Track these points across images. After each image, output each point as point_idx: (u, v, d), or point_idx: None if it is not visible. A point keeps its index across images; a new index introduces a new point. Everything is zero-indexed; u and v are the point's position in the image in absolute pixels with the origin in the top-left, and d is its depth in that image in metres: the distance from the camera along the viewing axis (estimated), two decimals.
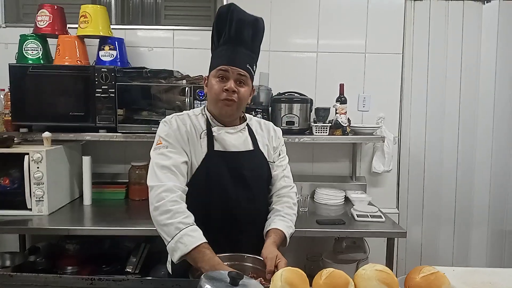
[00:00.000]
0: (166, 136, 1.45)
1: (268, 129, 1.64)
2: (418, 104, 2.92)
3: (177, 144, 1.45)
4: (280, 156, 1.65)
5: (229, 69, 1.42)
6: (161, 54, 2.77)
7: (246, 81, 1.46)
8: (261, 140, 1.59)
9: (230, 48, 1.44)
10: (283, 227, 1.49)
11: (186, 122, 1.50)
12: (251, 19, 1.46)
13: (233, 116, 1.52)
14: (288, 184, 1.63)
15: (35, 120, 2.40)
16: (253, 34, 1.47)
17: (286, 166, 1.67)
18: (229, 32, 1.43)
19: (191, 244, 1.27)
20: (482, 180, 2.98)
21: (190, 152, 1.47)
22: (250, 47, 1.47)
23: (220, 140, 1.49)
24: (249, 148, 1.54)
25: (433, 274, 1.06)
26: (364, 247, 2.60)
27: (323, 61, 2.81)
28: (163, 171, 1.39)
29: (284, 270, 1.07)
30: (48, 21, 2.42)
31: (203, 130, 1.50)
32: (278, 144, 1.65)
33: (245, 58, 1.45)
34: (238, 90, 1.43)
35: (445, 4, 2.86)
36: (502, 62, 2.90)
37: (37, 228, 2.16)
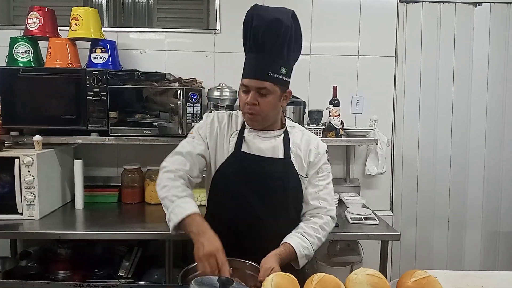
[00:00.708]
0: (198, 128, 1.55)
1: (308, 142, 1.57)
2: (411, 106, 2.93)
3: (203, 136, 1.52)
4: (319, 175, 1.56)
5: (249, 83, 1.41)
6: (153, 56, 2.76)
7: (269, 91, 1.41)
8: (294, 151, 1.53)
9: (252, 57, 1.43)
10: (295, 244, 1.41)
11: (223, 120, 1.55)
12: (268, 22, 1.37)
13: (259, 126, 1.50)
14: (323, 206, 1.54)
15: (26, 124, 2.38)
16: (273, 38, 1.38)
17: (324, 187, 1.56)
18: (249, 41, 1.43)
19: (181, 214, 1.32)
20: (475, 182, 2.99)
21: (215, 149, 1.51)
22: (272, 52, 1.40)
23: (249, 141, 1.50)
24: (278, 156, 1.50)
25: (425, 279, 1.05)
26: (358, 249, 2.59)
27: (316, 64, 2.81)
28: (175, 156, 1.50)
29: (275, 275, 1.07)
30: (39, 23, 2.40)
31: (236, 130, 1.52)
32: (317, 161, 1.55)
33: (267, 67, 1.39)
34: (259, 102, 1.41)
35: (437, 7, 2.87)
36: (494, 64, 2.92)
37: (28, 233, 2.12)
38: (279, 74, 1.42)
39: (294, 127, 1.60)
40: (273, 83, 1.41)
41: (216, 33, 2.76)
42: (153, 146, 2.66)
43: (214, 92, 2.53)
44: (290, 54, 1.46)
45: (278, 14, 1.40)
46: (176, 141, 2.36)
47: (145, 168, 2.64)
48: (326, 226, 1.53)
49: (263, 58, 1.40)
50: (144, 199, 2.62)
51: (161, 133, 2.36)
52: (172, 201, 1.37)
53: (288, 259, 1.39)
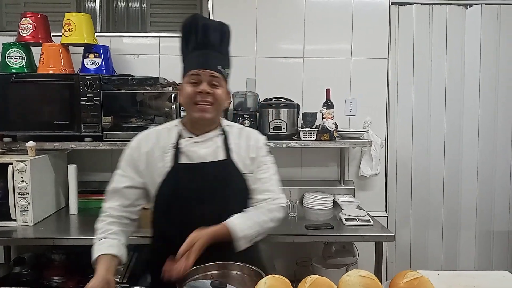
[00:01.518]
0: (124, 158, 1.52)
1: (248, 138, 1.55)
2: (404, 108, 2.95)
3: (129, 165, 1.49)
4: (260, 168, 1.53)
5: (200, 72, 1.40)
6: (147, 61, 2.76)
7: (220, 83, 1.43)
8: (236, 150, 1.50)
9: (200, 53, 1.44)
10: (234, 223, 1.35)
11: (150, 139, 1.49)
12: (216, 23, 1.48)
13: (212, 119, 1.46)
14: (268, 197, 1.51)
15: (19, 129, 2.37)
16: (221, 37, 1.47)
17: (269, 179, 1.54)
18: (196, 38, 1.44)
19: (93, 256, 1.38)
20: (469, 182, 3.02)
21: (149, 171, 1.46)
22: (219, 50, 1.47)
23: (187, 152, 1.45)
24: (220, 158, 1.47)
25: (417, 279, 1.06)
26: (353, 251, 2.60)
27: (310, 67, 2.83)
28: (109, 193, 1.51)
29: (268, 278, 1.07)
30: (31, 29, 2.40)
31: (170, 144, 1.47)
32: (258, 155, 1.54)
33: (216, 61, 1.44)
34: (213, 92, 1.41)
35: (428, 9, 2.90)
36: (486, 64, 2.95)
37: (22, 239, 2.11)
38: (224, 70, 1.46)
39: (231, 126, 1.57)
40: (222, 77, 1.44)
41: None
42: None
43: None
44: (229, 59, 1.52)
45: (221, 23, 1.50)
46: None
47: None
48: (273, 210, 1.49)
49: (212, 53, 1.44)
50: None
51: None
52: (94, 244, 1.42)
53: (223, 237, 1.34)
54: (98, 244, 1.40)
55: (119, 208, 1.48)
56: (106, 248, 1.38)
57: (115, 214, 1.48)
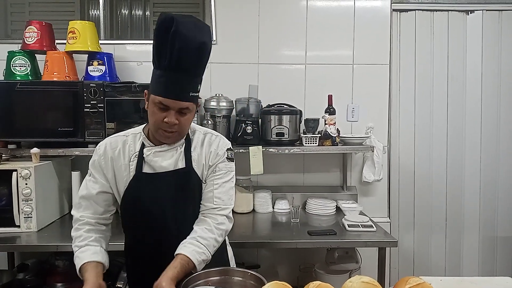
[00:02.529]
0: (91, 164, 1.51)
1: (209, 145, 1.51)
2: (406, 113, 2.96)
3: (98, 171, 1.48)
4: (215, 173, 1.49)
5: (170, 104, 1.33)
6: (150, 68, 2.72)
7: (189, 110, 1.38)
8: (196, 158, 1.48)
9: (171, 78, 1.32)
10: (190, 252, 1.35)
11: (116, 146, 1.48)
12: (195, 45, 1.31)
13: (176, 142, 1.46)
14: (217, 206, 1.48)
15: (24, 136, 2.39)
16: (198, 60, 1.35)
17: (220, 185, 1.49)
18: (169, 61, 1.30)
19: (78, 265, 1.38)
20: (471, 187, 3.01)
21: (115, 178, 1.46)
22: (194, 73, 1.37)
23: (150, 161, 1.44)
24: (180, 166, 1.46)
25: (419, 285, 1.06)
26: (356, 257, 2.59)
27: (312, 73, 2.84)
28: (79, 202, 1.49)
29: (271, 284, 1.07)
30: (36, 37, 2.42)
31: (135, 151, 1.46)
32: (215, 161, 1.50)
33: (188, 87, 1.35)
34: (180, 120, 1.36)
35: (430, 15, 2.91)
36: (487, 70, 2.95)
37: (26, 245, 2.12)
38: (196, 92, 1.40)
39: (195, 131, 1.53)
40: (193, 102, 1.38)
41: (212, 43, 2.78)
42: None
43: (211, 102, 2.55)
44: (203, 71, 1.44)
45: (201, 35, 1.34)
46: None
47: None
48: (220, 225, 1.46)
49: (185, 79, 1.34)
50: None
51: None
52: (74, 252, 1.42)
53: (186, 268, 1.34)
54: (80, 252, 1.40)
55: (93, 215, 1.48)
56: (90, 256, 1.39)
57: (91, 222, 1.47)
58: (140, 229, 1.50)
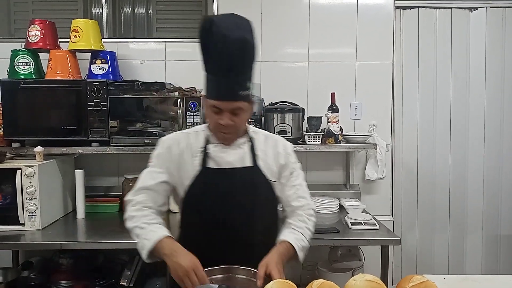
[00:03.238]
0: (156, 156, 1.50)
1: (275, 145, 1.54)
2: (410, 111, 2.95)
3: (163, 164, 1.47)
4: (292, 175, 1.54)
5: (222, 105, 1.36)
6: (153, 66, 2.79)
7: (242, 109, 1.39)
8: (262, 157, 1.50)
9: (220, 80, 1.35)
10: (291, 238, 1.42)
11: (181, 141, 1.49)
12: (236, 44, 1.31)
13: (233, 142, 1.48)
14: (303, 204, 1.54)
15: (27, 135, 2.40)
16: (240, 58, 1.34)
17: (300, 186, 1.56)
18: (214, 64, 1.35)
19: (153, 238, 1.33)
20: (475, 185, 3.00)
21: (180, 172, 1.46)
22: (240, 72, 1.36)
23: (214, 157, 1.46)
24: (247, 164, 1.48)
25: (423, 283, 1.06)
26: (359, 255, 2.60)
27: (314, 71, 2.84)
28: (139, 190, 1.46)
29: (275, 282, 1.07)
30: (39, 36, 2.43)
31: (199, 147, 1.48)
32: (287, 161, 1.54)
33: (237, 87, 1.36)
34: (235, 122, 1.38)
35: (433, 12, 2.90)
36: (491, 67, 2.94)
37: (30, 243, 2.14)
38: (248, 90, 1.40)
39: (257, 132, 1.56)
40: (245, 101, 1.38)
41: None
42: None
43: None
44: (253, 67, 1.44)
45: (243, 32, 1.35)
46: None
47: None
48: (311, 216, 1.55)
49: (232, 79, 1.35)
50: None
51: None
52: (142, 228, 1.37)
53: (288, 254, 1.40)
54: (156, 227, 1.37)
55: (153, 204, 1.46)
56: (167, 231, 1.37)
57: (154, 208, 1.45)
58: (202, 225, 1.48)
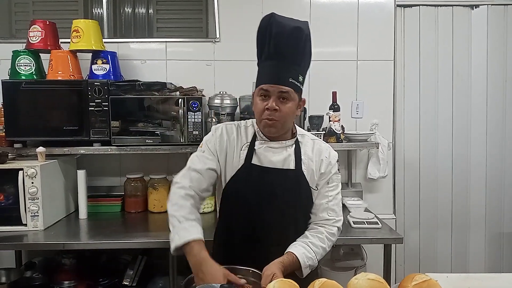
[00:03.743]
0: (207, 141, 1.53)
1: (320, 152, 1.54)
2: (411, 110, 2.94)
3: (213, 150, 1.51)
4: (329, 185, 1.53)
5: (270, 88, 1.38)
6: (154, 66, 2.79)
7: (290, 96, 1.40)
8: (306, 162, 1.50)
9: (271, 64, 1.40)
10: (300, 254, 1.41)
11: (232, 132, 1.53)
12: (289, 30, 1.39)
13: (277, 133, 1.48)
14: (331, 218, 1.52)
15: (29, 135, 2.40)
16: (294, 45, 1.39)
17: (334, 198, 1.54)
18: (268, 47, 1.40)
19: (184, 237, 1.34)
20: (477, 184, 2.99)
21: (225, 161, 1.50)
22: (292, 60, 1.40)
23: (260, 154, 1.48)
24: (290, 167, 1.48)
25: (426, 282, 1.06)
26: (361, 254, 2.59)
27: (315, 69, 2.79)
28: (187, 172, 1.49)
29: (277, 281, 1.07)
30: (40, 36, 2.43)
31: (246, 142, 1.50)
32: (328, 171, 1.53)
33: (287, 73, 1.39)
34: (280, 108, 1.39)
35: (434, 10, 2.89)
36: (493, 65, 2.93)
37: (32, 244, 2.14)
38: (297, 81, 1.42)
39: (304, 136, 1.57)
40: (293, 90, 1.40)
41: (216, 41, 2.79)
42: (156, 155, 2.69)
43: (215, 100, 2.55)
44: (306, 63, 1.47)
45: (297, 23, 1.43)
46: (178, 149, 2.40)
47: (148, 177, 2.65)
48: (332, 236, 1.51)
49: (284, 65, 1.39)
50: (147, 208, 2.63)
51: (163, 141, 2.38)
52: (179, 222, 1.38)
53: (291, 268, 1.39)
54: (191, 226, 1.37)
55: (199, 189, 1.47)
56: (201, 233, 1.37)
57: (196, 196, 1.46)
58: (240, 218, 1.50)
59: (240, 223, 1.50)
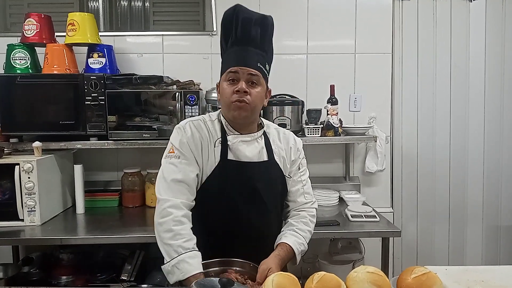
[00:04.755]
0: (179, 145, 1.42)
1: (287, 140, 1.56)
2: (409, 103, 2.94)
3: (189, 154, 1.41)
4: (300, 171, 1.57)
5: (239, 70, 1.36)
6: (150, 59, 2.77)
7: (259, 81, 1.39)
8: (277, 151, 1.52)
9: (239, 49, 1.38)
10: (292, 242, 1.43)
11: (202, 128, 1.46)
12: (258, 17, 1.40)
13: (247, 119, 1.44)
14: (309, 200, 1.58)
15: (25, 130, 2.39)
16: (262, 32, 1.40)
17: (306, 181, 1.59)
18: (235, 32, 1.38)
19: (187, 272, 1.27)
20: (475, 177, 3.00)
21: (203, 161, 1.43)
22: (259, 46, 1.40)
23: (235, 149, 1.44)
24: (264, 159, 1.48)
25: (425, 275, 1.06)
26: (359, 247, 2.60)
27: (313, 63, 2.82)
28: (172, 185, 1.37)
29: (276, 275, 1.07)
30: (35, 30, 2.40)
31: (218, 137, 1.45)
32: (298, 157, 1.57)
33: (255, 57, 1.38)
34: (250, 92, 1.37)
35: (432, 3, 2.88)
36: (491, 58, 2.93)
37: (30, 239, 2.12)
38: (264, 68, 1.41)
39: (269, 126, 1.58)
40: (261, 75, 1.40)
41: (213, 34, 2.77)
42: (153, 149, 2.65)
43: (212, 94, 2.53)
44: (271, 54, 1.48)
45: (262, 13, 1.43)
46: None
47: (145, 171, 2.64)
48: (313, 218, 1.58)
49: (252, 49, 1.38)
50: (145, 202, 2.62)
51: (160, 136, 2.37)
52: (177, 252, 1.29)
53: (288, 258, 1.41)
54: (190, 258, 1.29)
55: (187, 201, 1.39)
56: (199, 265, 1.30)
57: (188, 212, 1.38)
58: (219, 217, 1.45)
59: (220, 220, 1.45)
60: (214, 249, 1.39)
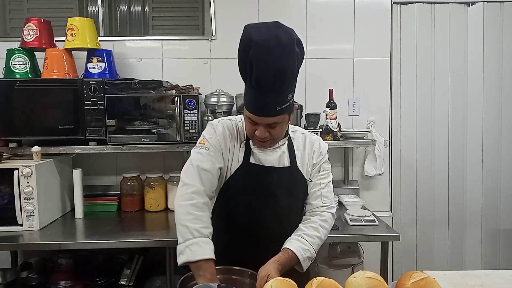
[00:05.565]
0: (210, 138, 1.47)
1: (312, 144, 1.56)
2: (408, 107, 2.95)
3: (218, 148, 1.46)
4: (320, 174, 1.55)
5: (257, 119, 1.35)
6: (150, 64, 2.77)
7: (279, 122, 1.38)
8: (300, 157, 1.52)
9: (256, 94, 1.31)
10: (296, 248, 1.41)
11: (232, 129, 1.50)
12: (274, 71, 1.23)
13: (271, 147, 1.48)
14: (326, 204, 1.54)
15: (24, 135, 2.38)
16: (279, 83, 1.27)
17: (326, 185, 1.56)
18: (250, 81, 1.29)
19: (198, 255, 1.29)
20: (474, 181, 3.01)
21: (228, 158, 1.47)
22: (279, 90, 1.30)
23: (256, 153, 1.47)
24: (285, 164, 1.49)
25: (423, 280, 1.06)
26: (358, 251, 2.60)
27: (312, 67, 2.82)
28: (198, 172, 1.41)
29: (274, 280, 1.07)
30: (35, 34, 2.41)
31: (243, 139, 1.49)
32: (319, 160, 1.55)
33: (274, 103, 1.31)
34: (271, 133, 1.38)
35: (430, 8, 2.89)
36: (489, 62, 2.94)
37: (28, 244, 2.12)
38: (286, 102, 1.34)
39: (295, 132, 1.58)
40: (282, 115, 1.36)
41: (212, 39, 2.78)
42: (152, 153, 2.67)
43: (211, 98, 2.54)
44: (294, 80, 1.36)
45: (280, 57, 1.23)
46: (174, 148, 2.39)
47: (144, 175, 2.64)
48: (325, 224, 1.51)
49: (270, 96, 1.30)
50: (144, 207, 2.62)
51: (159, 140, 2.37)
52: (192, 235, 1.32)
53: (289, 264, 1.39)
54: (204, 242, 1.32)
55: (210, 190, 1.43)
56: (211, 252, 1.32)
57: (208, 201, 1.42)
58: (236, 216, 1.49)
59: (239, 222, 1.49)
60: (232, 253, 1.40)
